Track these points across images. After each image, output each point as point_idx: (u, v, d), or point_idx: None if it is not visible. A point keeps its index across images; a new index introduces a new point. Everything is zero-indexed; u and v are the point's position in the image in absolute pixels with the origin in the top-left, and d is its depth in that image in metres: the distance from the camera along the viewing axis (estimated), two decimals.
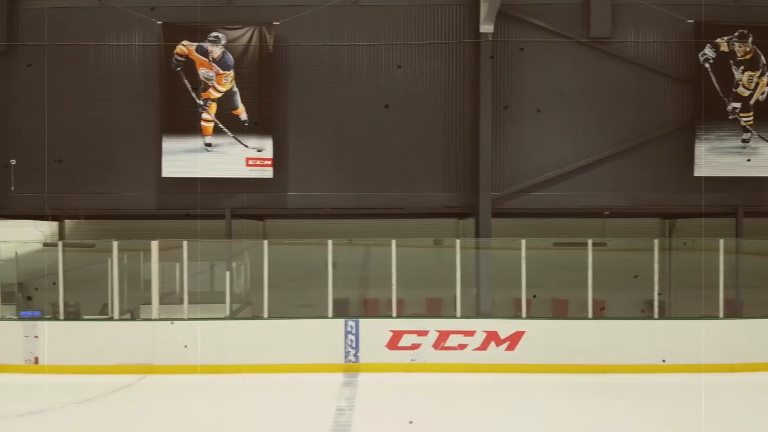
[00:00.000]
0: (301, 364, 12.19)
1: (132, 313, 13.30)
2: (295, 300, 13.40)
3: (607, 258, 13.58)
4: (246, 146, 13.02)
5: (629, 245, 14.55)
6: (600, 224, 15.44)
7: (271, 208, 13.48)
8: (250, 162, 13.05)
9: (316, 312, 12.69)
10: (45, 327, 12.22)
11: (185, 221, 13.98)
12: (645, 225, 16.00)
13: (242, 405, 10.48)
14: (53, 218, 13.66)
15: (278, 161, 13.28)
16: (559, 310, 14.09)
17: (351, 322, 12.34)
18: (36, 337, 12.20)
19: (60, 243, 12.16)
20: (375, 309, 15.39)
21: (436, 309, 15.49)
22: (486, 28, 12.69)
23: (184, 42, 12.94)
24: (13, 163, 13.31)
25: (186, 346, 12.19)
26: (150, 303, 12.62)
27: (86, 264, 13.70)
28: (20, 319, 12.45)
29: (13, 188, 13.32)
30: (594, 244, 12.83)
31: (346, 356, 12.29)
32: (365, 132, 13.49)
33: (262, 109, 13.07)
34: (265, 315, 12.46)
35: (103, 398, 10.80)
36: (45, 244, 13.40)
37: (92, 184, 13.40)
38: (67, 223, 15.86)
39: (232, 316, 12.84)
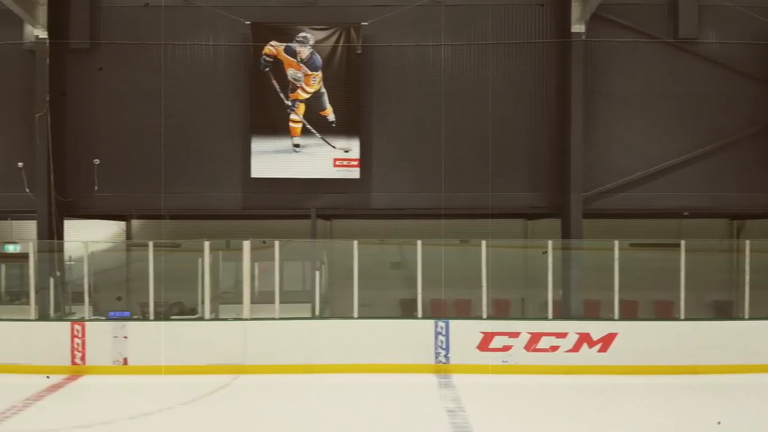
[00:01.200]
0: (390, 365, 12.15)
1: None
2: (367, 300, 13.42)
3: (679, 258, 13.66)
4: (333, 147, 13.03)
5: (708, 246, 14.56)
6: (675, 225, 15.42)
7: (355, 208, 13.47)
8: (337, 162, 13.06)
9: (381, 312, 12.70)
10: (135, 327, 12.28)
11: (262, 221, 14.02)
12: (714, 226, 15.99)
13: (347, 405, 10.43)
14: (139, 218, 13.66)
15: (363, 161, 13.29)
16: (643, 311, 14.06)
17: (441, 323, 12.31)
18: (125, 337, 12.21)
19: (150, 243, 12.13)
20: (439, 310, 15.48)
21: (504, 310, 15.54)
22: (577, 27, 12.64)
23: (273, 42, 12.94)
24: (97, 163, 13.34)
25: (276, 346, 12.24)
26: (227, 303, 12.65)
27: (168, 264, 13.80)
28: (109, 319, 12.45)
29: (96, 188, 13.35)
30: (672, 245, 12.81)
31: (436, 357, 12.26)
32: (449, 132, 13.46)
33: (349, 109, 13.07)
34: (355, 315, 12.46)
35: (206, 399, 10.77)
36: (130, 244, 13.40)
37: (177, 184, 13.42)
38: (134, 222, 15.94)
39: (320, 315, 12.81)
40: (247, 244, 12.39)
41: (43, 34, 12.67)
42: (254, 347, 12.24)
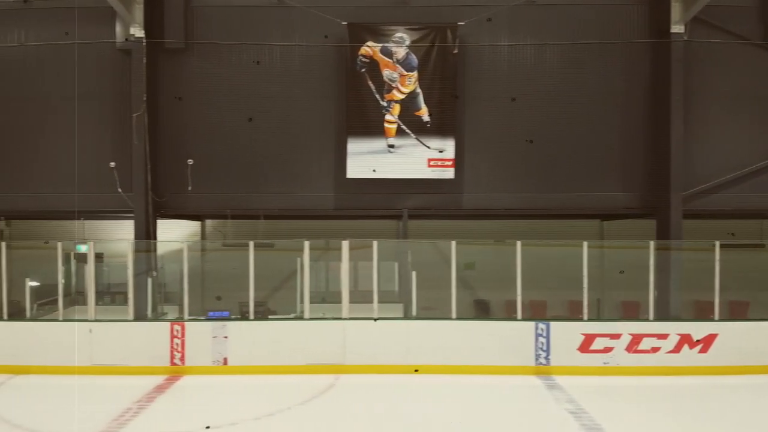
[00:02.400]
0: (489, 366, 12.11)
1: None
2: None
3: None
4: (428, 147, 12.99)
5: None
6: (757, 226, 15.37)
7: (446, 208, 13.42)
8: (432, 163, 13.02)
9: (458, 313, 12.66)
10: (235, 327, 12.23)
11: (348, 221, 13.98)
12: None
13: (465, 406, 10.36)
14: (233, 218, 13.62)
15: (456, 161, 13.23)
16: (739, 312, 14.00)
17: (542, 325, 12.25)
18: (225, 337, 12.19)
19: (251, 243, 12.09)
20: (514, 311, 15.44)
21: (578, 311, 15.47)
22: (677, 28, 12.59)
23: (369, 43, 12.90)
24: (191, 163, 13.32)
25: (374, 346, 12.19)
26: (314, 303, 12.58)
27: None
28: (208, 319, 12.41)
29: (189, 188, 13.33)
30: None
31: (536, 359, 12.20)
32: (541, 131, 13.45)
33: (444, 110, 13.02)
34: (453, 315, 12.42)
35: (320, 399, 10.74)
36: (225, 244, 13.37)
37: (270, 185, 13.41)
38: (208, 222, 15.93)
39: (419, 316, 12.74)
40: (345, 244, 12.35)
41: (139, 33, 12.64)
42: (353, 347, 12.22)
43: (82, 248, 15.62)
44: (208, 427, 9.13)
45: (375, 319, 12.24)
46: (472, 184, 13.41)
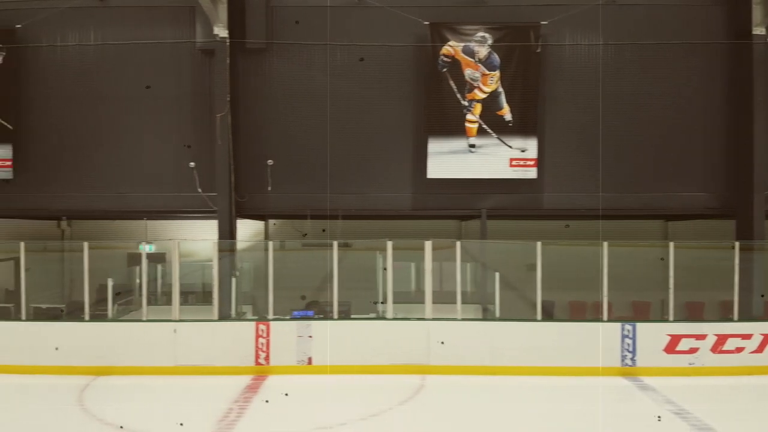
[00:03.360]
0: (575, 367, 12.06)
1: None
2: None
3: None
4: (510, 147, 12.98)
5: None
6: None
7: (525, 208, 13.42)
8: (514, 162, 13.01)
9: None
10: (319, 327, 12.18)
11: (417, 221, 13.98)
12: None
13: (569, 405, 10.40)
14: (312, 218, 13.61)
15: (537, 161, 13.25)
16: None
17: (628, 326, 12.22)
18: (310, 337, 12.16)
19: (335, 243, 12.08)
20: (582, 312, 15.41)
21: (644, 312, 15.47)
22: (759, 30, 12.59)
23: (451, 42, 12.90)
24: (270, 164, 13.31)
25: (458, 347, 12.15)
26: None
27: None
28: (293, 318, 12.39)
29: (269, 188, 13.33)
30: None
31: (622, 360, 12.17)
32: (621, 132, 13.41)
33: (526, 109, 13.02)
34: (539, 317, 12.40)
35: (416, 399, 10.74)
36: (304, 244, 13.36)
37: (347, 185, 13.42)
38: (270, 222, 15.92)
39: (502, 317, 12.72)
40: (428, 244, 12.33)
41: (223, 32, 12.63)
42: (437, 347, 12.18)
43: (146, 248, 15.64)
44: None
45: (460, 320, 12.23)
46: (551, 184, 13.41)
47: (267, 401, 10.52)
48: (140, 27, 13.22)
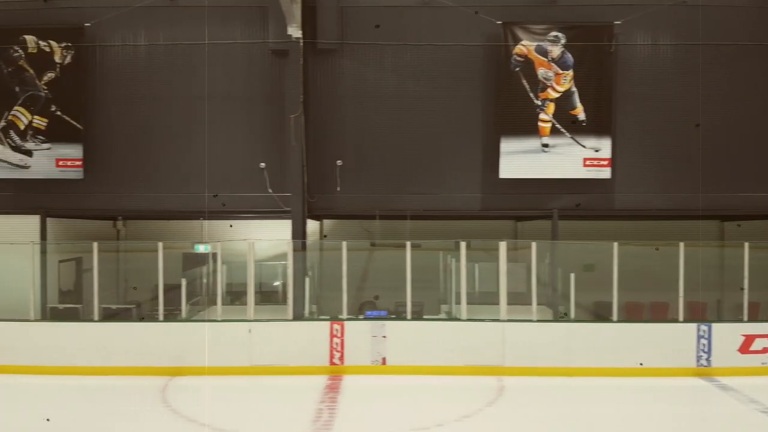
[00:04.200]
0: (651, 368, 12.02)
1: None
2: None
3: None
4: (583, 146, 12.94)
5: None
6: None
7: (596, 208, 13.37)
8: (587, 162, 12.97)
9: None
10: (393, 327, 12.16)
11: (486, 222, 13.95)
12: None
13: (651, 407, 10.38)
14: (380, 218, 13.59)
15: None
16: None
17: (704, 327, 12.19)
18: (384, 337, 12.16)
19: (408, 243, 12.07)
20: (639, 312, 15.39)
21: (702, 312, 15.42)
22: None
23: (524, 42, 12.84)
24: (339, 164, 13.29)
25: (533, 348, 12.12)
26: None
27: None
28: (367, 318, 12.39)
29: (338, 189, 13.31)
30: None
31: (697, 360, 12.15)
32: (696, 132, 13.28)
33: (600, 108, 12.97)
34: (614, 318, 12.38)
35: (502, 401, 10.73)
36: (372, 244, 13.35)
37: (417, 185, 13.40)
38: (326, 222, 15.89)
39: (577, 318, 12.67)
40: (503, 245, 12.30)
41: (297, 33, 12.58)
42: (512, 349, 12.16)
43: (201, 248, 15.61)
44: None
45: (534, 321, 12.21)
46: (624, 184, 13.34)
47: (353, 400, 10.58)
48: (211, 27, 13.14)
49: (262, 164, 13.30)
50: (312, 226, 16.03)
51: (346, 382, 11.73)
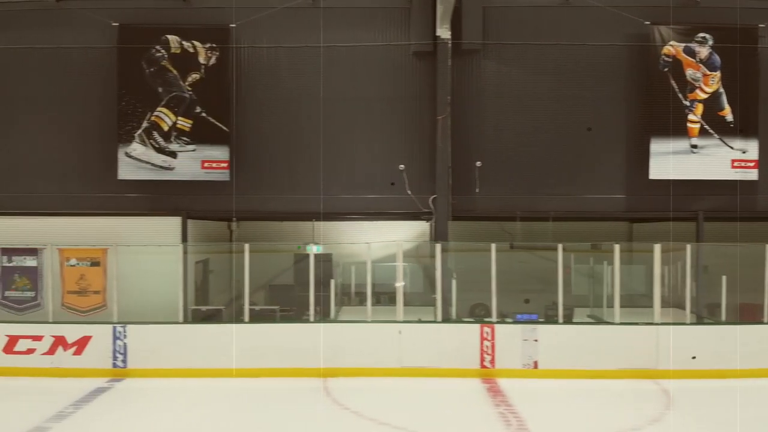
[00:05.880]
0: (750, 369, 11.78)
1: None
2: None
3: None
4: (731, 148, 12.84)
5: None
6: None
7: (742, 210, 13.20)
8: (735, 164, 12.86)
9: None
10: (544, 330, 11.98)
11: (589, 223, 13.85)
12: None
13: None
14: (521, 219, 13.49)
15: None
16: None
17: None
18: (536, 340, 12.02)
19: (560, 246, 11.95)
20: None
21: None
22: None
23: (672, 42, 12.77)
24: (479, 165, 13.22)
25: (691, 351, 11.96)
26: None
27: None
28: (517, 322, 12.27)
29: (477, 190, 13.23)
30: None
31: None
32: None
33: (746, 110, 12.87)
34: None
35: (676, 407, 10.54)
36: (512, 245, 13.24)
37: (558, 186, 13.29)
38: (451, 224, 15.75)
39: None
40: (657, 248, 12.17)
41: (446, 34, 12.55)
42: (665, 352, 11.98)
43: (314, 249, 15.53)
44: None
45: (689, 324, 12.06)
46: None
47: (528, 404, 10.45)
48: (353, 28, 13.14)
49: (402, 166, 13.25)
50: (422, 227, 15.95)
51: (503, 385, 11.59)
